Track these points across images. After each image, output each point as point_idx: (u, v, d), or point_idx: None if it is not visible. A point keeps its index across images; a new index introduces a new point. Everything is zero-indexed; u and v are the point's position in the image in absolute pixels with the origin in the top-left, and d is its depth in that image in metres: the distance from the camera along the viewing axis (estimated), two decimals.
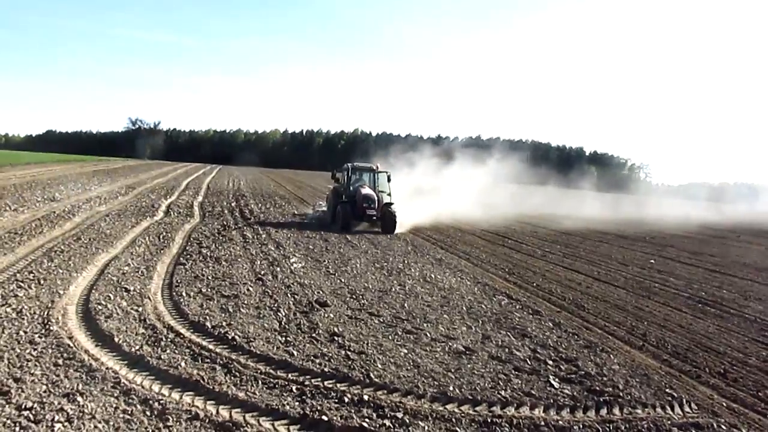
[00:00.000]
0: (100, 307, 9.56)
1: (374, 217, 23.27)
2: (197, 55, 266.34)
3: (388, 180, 24.57)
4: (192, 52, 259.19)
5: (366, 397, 6.96)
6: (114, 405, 6.22)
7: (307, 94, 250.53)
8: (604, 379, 8.35)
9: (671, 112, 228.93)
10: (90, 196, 27.92)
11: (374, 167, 25.36)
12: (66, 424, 5.71)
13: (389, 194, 24.33)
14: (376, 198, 23.46)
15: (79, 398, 6.25)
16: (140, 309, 9.75)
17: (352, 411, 6.60)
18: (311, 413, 6.43)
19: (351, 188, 24.09)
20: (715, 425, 7.14)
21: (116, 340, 8.20)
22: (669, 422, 7.11)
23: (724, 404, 7.98)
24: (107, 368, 7.18)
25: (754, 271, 21.73)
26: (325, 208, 26.37)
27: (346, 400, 6.86)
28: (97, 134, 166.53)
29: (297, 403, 6.66)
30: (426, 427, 6.41)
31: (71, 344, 7.86)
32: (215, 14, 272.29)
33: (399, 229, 23.41)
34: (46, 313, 9.02)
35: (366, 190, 23.63)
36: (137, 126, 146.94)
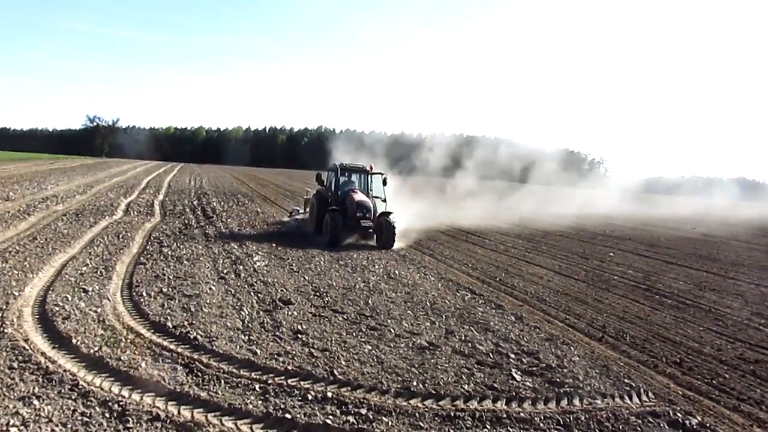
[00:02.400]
0: (57, 309, 9.35)
1: (370, 229, 19.58)
2: (157, 52, 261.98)
3: (384, 183, 20.98)
4: (152, 48, 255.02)
5: (330, 394, 6.96)
6: (72, 407, 6.09)
7: (270, 91, 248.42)
8: (565, 371, 8.51)
9: (629, 108, 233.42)
10: (46, 195, 27.23)
11: (367, 168, 21.55)
12: (22, 428, 5.58)
13: (384, 200, 20.73)
14: (371, 205, 19.88)
15: (36, 401, 6.12)
16: (99, 310, 9.56)
17: (316, 408, 6.59)
18: (274, 411, 6.41)
19: (339, 193, 20.52)
20: (671, 413, 7.33)
21: (74, 341, 8.02)
22: (627, 411, 7.28)
23: (680, 392, 8.21)
24: (65, 370, 7.04)
25: (709, 262, 22.35)
26: (303, 216, 23.74)
27: (310, 397, 6.85)
28: (53, 132, 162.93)
29: (260, 402, 6.62)
30: (390, 423, 6.44)
31: (27, 347, 7.67)
32: (176, 10, 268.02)
33: (398, 242, 19.74)
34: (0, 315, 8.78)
35: (359, 196, 19.96)
36: (95, 123, 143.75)
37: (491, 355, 8.95)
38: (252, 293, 11.54)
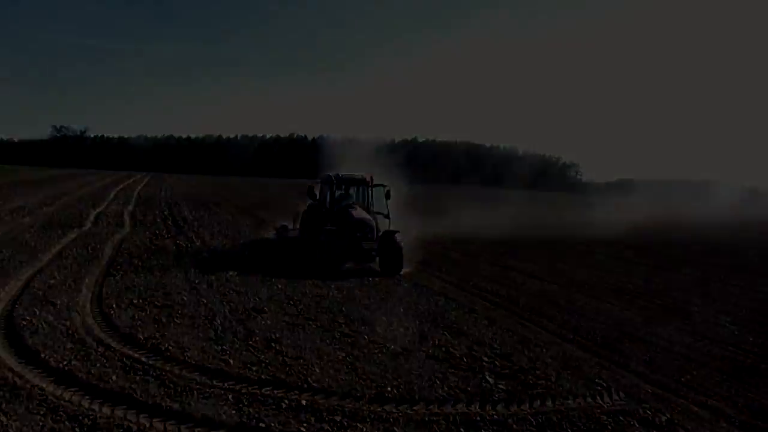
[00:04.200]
0: (24, 323, 9.19)
1: (372, 252, 16.64)
2: (125, 60, 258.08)
3: (387, 197, 17.75)
4: (119, 56, 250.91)
5: (304, 402, 6.95)
6: (41, 423, 6.01)
7: (242, 99, 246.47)
8: (537, 372, 8.61)
9: (599, 110, 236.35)
10: (12, 207, 26.70)
11: (367, 179, 18.41)
12: None
13: (388, 216, 17.70)
14: (373, 223, 17.04)
15: (2, 417, 6.01)
16: (68, 323, 9.41)
17: (290, 417, 6.58)
18: (248, 421, 6.39)
19: (335, 209, 17.73)
20: (641, 411, 7.47)
21: (43, 355, 7.90)
22: (598, 411, 7.41)
23: (650, 390, 8.35)
24: (32, 385, 6.94)
25: (678, 263, 22.75)
26: (292, 234, 20.28)
27: (284, 406, 6.84)
28: (18, 142, 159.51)
29: (234, 412, 6.59)
30: (364, 429, 6.46)
31: None
32: (141, 17, 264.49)
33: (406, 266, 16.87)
34: None
35: (359, 213, 17.18)
36: (62, 133, 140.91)
37: (465, 359, 9.01)
38: (224, 303, 11.46)
